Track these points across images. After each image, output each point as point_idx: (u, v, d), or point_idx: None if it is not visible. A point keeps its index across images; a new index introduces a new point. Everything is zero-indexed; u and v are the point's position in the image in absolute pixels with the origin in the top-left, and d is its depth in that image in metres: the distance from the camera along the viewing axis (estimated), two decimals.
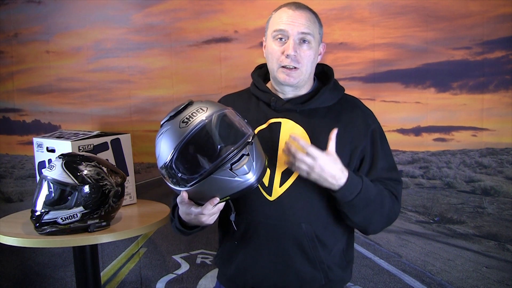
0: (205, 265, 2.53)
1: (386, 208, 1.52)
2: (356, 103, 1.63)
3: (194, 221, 1.45)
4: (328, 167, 1.39)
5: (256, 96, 1.63)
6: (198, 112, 1.36)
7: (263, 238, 1.52)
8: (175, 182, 1.36)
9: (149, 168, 2.60)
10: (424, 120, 2.26)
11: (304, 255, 1.51)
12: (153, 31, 2.52)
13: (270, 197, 1.51)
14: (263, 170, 1.38)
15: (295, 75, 1.52)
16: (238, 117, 1.41)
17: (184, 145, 1.32)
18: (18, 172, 2.77)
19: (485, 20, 2.16)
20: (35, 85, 2.69)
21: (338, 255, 1.56)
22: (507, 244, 2.19)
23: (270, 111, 1.58)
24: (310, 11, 1.55)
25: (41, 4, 2.63)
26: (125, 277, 2.60)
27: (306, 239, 1.49)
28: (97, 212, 1.75)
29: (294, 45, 1.50)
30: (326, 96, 1.57)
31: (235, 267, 1.58)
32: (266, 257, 1.52)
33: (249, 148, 1.35)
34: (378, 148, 1.55)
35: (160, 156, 1.36)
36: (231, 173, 1.32)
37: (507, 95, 2.16)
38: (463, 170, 2.25)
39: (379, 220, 1.54)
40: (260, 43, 2.41)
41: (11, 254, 2.72)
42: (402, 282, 2.28)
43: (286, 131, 1.53)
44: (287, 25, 1.50)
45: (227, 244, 1.62)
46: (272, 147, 1.52)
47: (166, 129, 1.36)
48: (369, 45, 2.27)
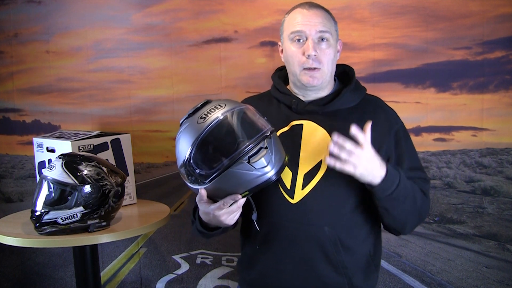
0: (205, 265, 2.53)
1: (418, 204, 1.50)
2: (379, 103, 1.61)
3: (214, 221, 1.43)
4: (374, 158, 1.36)
5: (277, 98, 1.61)
6: (216, 108, 1.35)
7: (285, 241, 1.50)
8: (194, 180, 1.35)
9: (149, 168, 2.60)
10: (424, 120, 2.26)
11: (327, 259, 1.48)
12: (153, 31, 2.52)
13: (292, 200, 1.48)
14: (283, 165, 1.37)
15: (318, 75, 1.51)
16: (257, 115, 1.40)
17: (201, 140, 1.31)
18: (18, 172, 2.77)
19: (485, 20, 2.16)
20: (35, 85, 2.69)
21: (364, 259, 1.53)
22: (507, 244, 2.19)
23: (292, 113, 1.56)
24: (323, 9, 1.54)
25: (41, 4, 2.63)
26: (125, 277, 2.60)
27: (329, 243, 1.47)
28: (97, 212, 1.75)
29: (313, 44, 1.48)
30: (347, 97, 1.55)
31: (256, 271, 1.56)
32: (288, 261, 1.50)
33: (267, 142, 1.34)
34: (403, 147, 1.53)
35: (179, 153, 1.36)
36: (249, 166, 1.31)
37: (507, 95, 2.16)
38: (463, 170, 2.25)
39: (414, 216, 1.51)
40: (260, 42, 2.42)
41: (11, 254, 2.72)
42: (402, 282, 2.28)
43: (308, 133, 1.52)
44: (304, 25, 1.49)
45: (248, 248, 1.60)
46: (295, 149, 1.50)
47: (184, 127, 1.37)
48: (369, 45, 2.27)
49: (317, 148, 1.50)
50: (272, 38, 2.38)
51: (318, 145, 1.50)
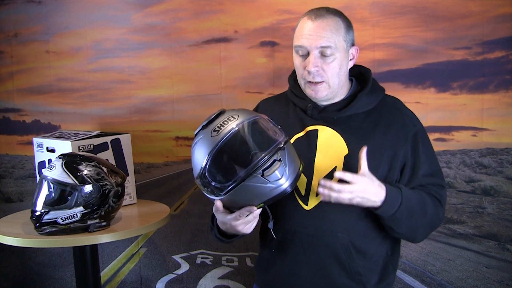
0: (205, 265, 2.53)
1: (429, 215, 1.49)
2: (396, 105, 1.59)
3: (232, 230, 1.44)
4: (368, 187, 1.37)
5: (293, 102, 1.60)
6: (229, 120, 1.34)
7: (299, 247, 1.50)
8: (210, 191, 1.35)
9: (149, 168, 2.60)
10: (424, 120, 2.23)
11: (341, 266, 1.48)
12: (153, 31, 2.52)
13: (306, 206, 1.49)
14: (297, 176, 1.36)
15: (321, 88, 1.49)
16: (271, 124, 1.39)
17: (215, 154, 1.31)
18: (18, 172, 2.77)
19: (485, 20, 2.16)
20: (35, 85, 2.69)
21: (382, 261, 1.53)
22: (507, 244, 2.19)
23: (307, 118, 1.55)
24: (332, 17, 1.48)
25: (41, 4, 2.63)
26: (125, 277, 2.60)
27: (343, 249, 1.47)
28: (97, 212, 1.75)
29: (314, 60, 1.46)
30: (363, 101, 1.53)
31: (272, 275, 1.57)
32: (303, 267, 1.50)
33: (281, 154, 1.33)
34: (419, 153, 1.51)
35: (194, 165, 1.36)
36: (263, 179, 1.30)
37: (507, 95, 2.16)
38: (463, 170, 2.25)
39: (423, 227, 1.51)
40: (260, 42, 2.42)
41: (11, 254, 2.72)
42: (402, 282, 2.28)
43: (324, 139, 1.51)
44: (306, 39, 1.46)
45: (265, 251, 1.61)
46: (310, 155, 1.50)
47: (199, 139, 1.36)
48: (369, 45, 2.27)
49: (331, 154, 1.49)
50: (272, 38, 2.38)
51: (333, 151, 1.49)
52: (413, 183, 1.51)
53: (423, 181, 1.51)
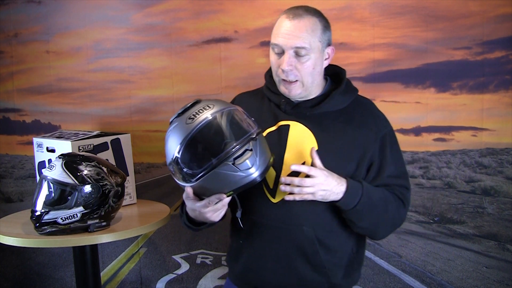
0: (205, 265, 2.53)
1: (390, 212, 1.52)
2: (369, 106, 1.61)
3: (200, 218, 1.46)
4: (328, 179, 1.41)
5: (268, 97, 1.63)
6: (204, 109, 1.38)
7: (266, 239, 1.53)
8: (182, 177, 1.38)
9: (149, 168, 2.60)
10: (424, 120, 2.26)
11: (306, 258, 1.51)
12: (153, 31, 2.52)
13: (273, 199, 1.51)
14: (267, 166, 1.40)
15: (295, 87, 1.51)
16: (245, 116, 1.42)
17: (189, 140, 1.34)
18: (18, 172, 2.77)
19: (485, 20, 2.16)
20: (35, 85, 2.69)
21: (347, 257, 1.56)
22: (507, 244, 2.19)
23: (281, 113, 1.57)
24: (309, 18, 1.48)
25: (41, 4, 2.63)
26: (125, 277, 2.60)
27: (307, 242, 1.49)
28: (97, 212, 1.75)
29: (289, 60, 1.47)
30: (336, 100, 1.55)
31: (240, 265, 1.60)
32: (269, 258, 1.53)
33: (253, 144, 1.36)
34: (387, 154, 1.54)
35: (168, 152, 1.39)
36: (234, 167, 1.33)
37: (507, 95, 2.16)
38: (463, 170, 2.25)
39: (385, 224, 1.54)
40: (260, 43, 2.42)
41: (11, 254, 2.72)
42: (402, 282, 2.28)
43: (295, 134, 1.53)
44: (282, 39, 1.47)
45: (234, 242, 1.64)
46: (280, 150, 1.52)
47: (173, 126, 1.39)
48: (369, 45, 2.27)
49: (301, 150, 1.51)
50: None
51: (303, 147, 1.51)
52: (378, 182, 1.53)
53: (388, 181, 1.54)
